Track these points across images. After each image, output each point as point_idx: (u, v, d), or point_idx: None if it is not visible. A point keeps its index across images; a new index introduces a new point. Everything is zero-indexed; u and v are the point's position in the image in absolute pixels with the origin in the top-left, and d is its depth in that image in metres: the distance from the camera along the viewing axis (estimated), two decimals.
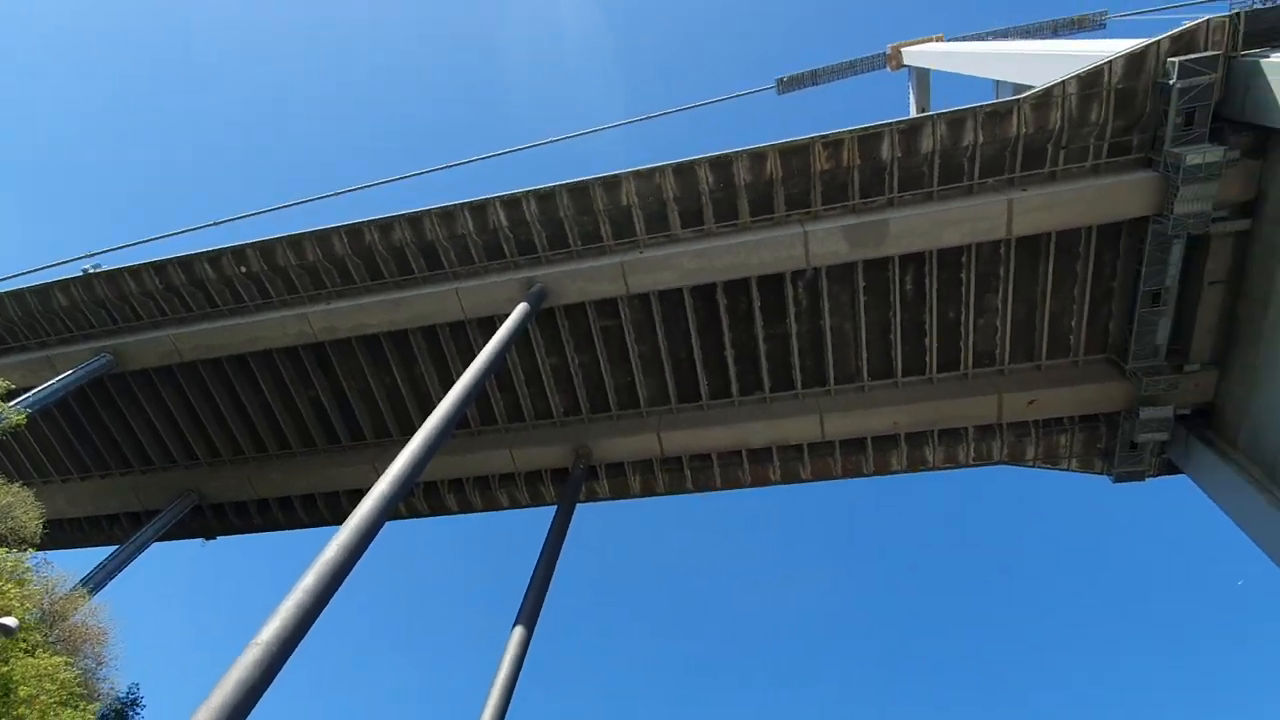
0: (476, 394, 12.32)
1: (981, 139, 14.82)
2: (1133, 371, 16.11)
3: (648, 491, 20.06)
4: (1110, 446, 17.39)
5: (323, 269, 18.59)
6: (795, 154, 15.55)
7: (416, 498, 21.13)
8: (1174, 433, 16.47)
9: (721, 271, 16.44)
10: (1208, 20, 13.26)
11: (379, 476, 9.06)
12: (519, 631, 13.77)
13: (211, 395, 20.83)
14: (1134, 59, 13.78)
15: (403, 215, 17.57)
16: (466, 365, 13.23)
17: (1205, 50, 13.27)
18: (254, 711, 6.42)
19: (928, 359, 17.62)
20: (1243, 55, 13.00)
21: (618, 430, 19.21)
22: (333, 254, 18.29)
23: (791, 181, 15.87)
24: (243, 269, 18.86)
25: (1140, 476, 17.48)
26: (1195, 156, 13.29)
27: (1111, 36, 24.15)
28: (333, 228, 17.98)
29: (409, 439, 10.00)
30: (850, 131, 15.14)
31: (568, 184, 16.59)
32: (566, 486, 18.43)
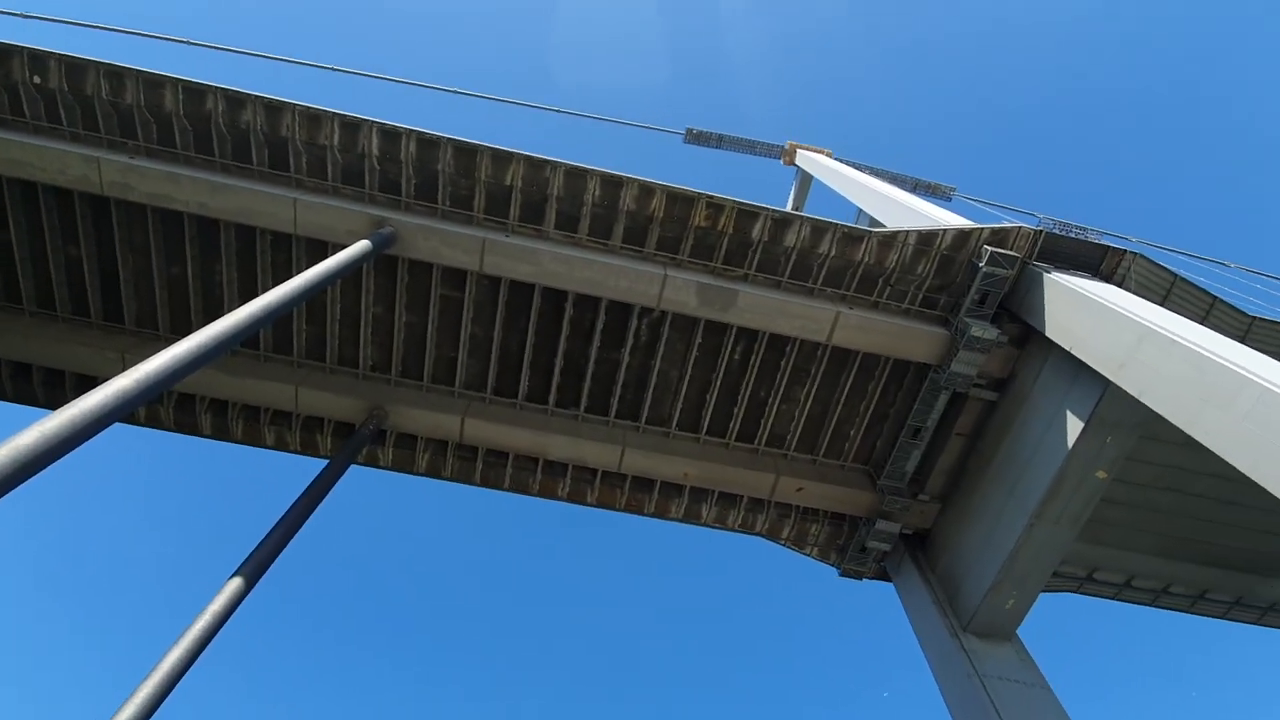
0: (280, 316, 11.09)
1: (833, 252, 16.57)
2: (882, 487, 18.67)
3: (432, 472, 19.25)
4: (845, 545, 19.90)
5: (140, 118, 15.81)
6: (681, 201, 16.24)
7: (164, 407, 18.36)
8: (895, 547, 19.29)
9: (579, 283, 16.53)
10: (1020, 227, 16.13)
11: (125, 370, 7.75)
12: (234, 584, 12.36)
13: None
14: (961, 235, 16.32)
15: (262, 97, 15.56)
16: (277, 283, 11.91)
17: (1011, 249, 16.10)
18: None
19: (731, 426, 19.02)
20: (1034, 264, 15.95)
21: (423, 402, 18.30)
22: (159, 106, 15.66)
23: (670, 225, 16.51)
24: (36, 79, 15.46)
25: (860, 576, 20.16)
26: (978, 330, 15.96)
27: (953, 208, 28.45)
28: (169, 76, 15.41)
29: (179, 340, 8.71)
30: (735, 201, 16.17)
31: (456, 140, 15.82)
32: (348, 443, 17.10)
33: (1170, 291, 15.74)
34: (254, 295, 16.05)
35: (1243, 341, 15.88)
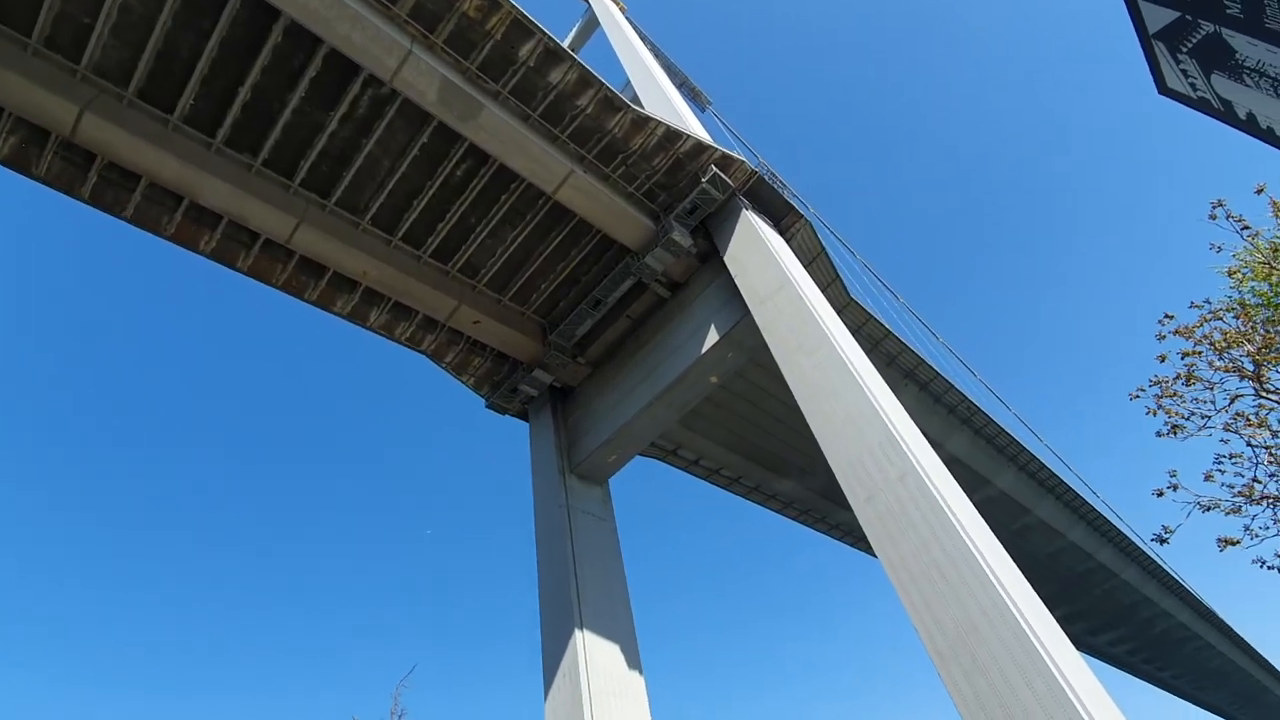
0: None
1: (590, 110, 16.47)
2: (551, 342, 20.27)
3: (18, 164, 14.28)
4: (500, 382, 21.34)
5: None
6: None
7: None
8: (542, 394, 21.41)
9: (300, 10, 13.41)
10: (744, 161, 18.13)
11: None
12: None
13: None
14: (699, 147, 17.70)
15: None
16: None
17: (730, 177, 18.07)
18: None
19: (430, 240, 18.24)
20: (740, 197, 18.22)
21: (24, 68, 13.14)
22: None
23: None
24: None
25: (504, 412, 21.97)
26: (677, 235, 17.88)
27: (704, 119, 30.30)
28: None
29: None
30: (515, 7, 14.68)
31: None
32: None
33: (814, 260, 19.69)
34: None
35: (840, 314, 20.92)
